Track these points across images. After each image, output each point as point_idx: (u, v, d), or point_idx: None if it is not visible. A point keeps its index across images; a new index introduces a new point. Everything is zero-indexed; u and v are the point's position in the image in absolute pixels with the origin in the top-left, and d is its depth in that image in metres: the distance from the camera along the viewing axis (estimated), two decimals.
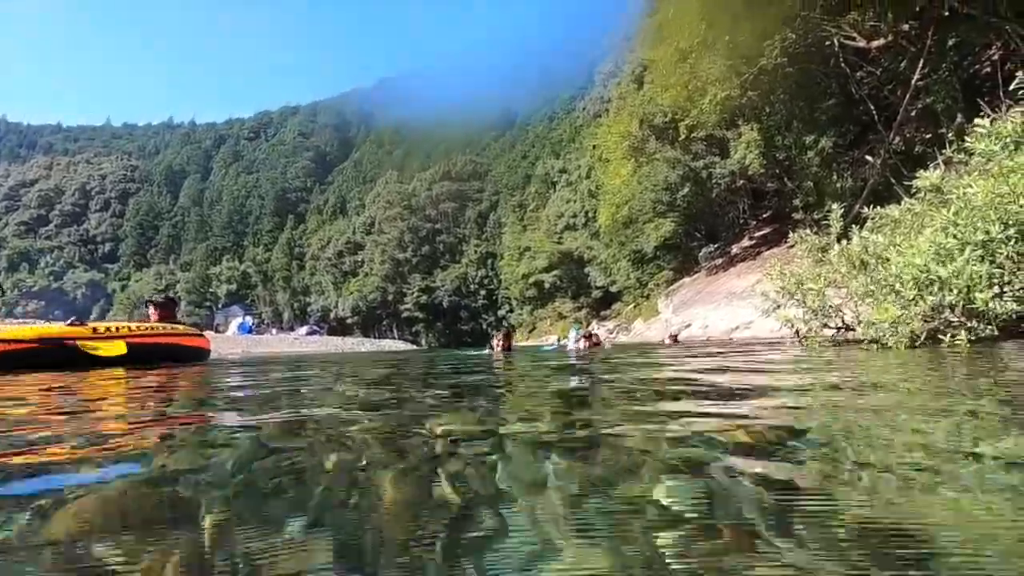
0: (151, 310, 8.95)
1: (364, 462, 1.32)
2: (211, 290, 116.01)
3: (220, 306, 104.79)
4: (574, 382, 3.72)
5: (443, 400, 2.75)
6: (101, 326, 7.73)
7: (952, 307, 5.53)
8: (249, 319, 57.67)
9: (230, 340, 33.81)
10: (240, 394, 3.38)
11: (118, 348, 7.41)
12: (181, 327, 8.69)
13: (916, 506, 0.92)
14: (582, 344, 11.36)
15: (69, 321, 7.67)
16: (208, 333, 44.09)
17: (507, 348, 10.49)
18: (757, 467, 1.16)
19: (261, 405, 2.69)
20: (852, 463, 1.18)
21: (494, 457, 1.35)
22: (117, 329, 7.78)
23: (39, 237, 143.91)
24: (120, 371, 6.20)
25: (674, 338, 19.18)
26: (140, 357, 7.58)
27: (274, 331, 68.50)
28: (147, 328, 8.17)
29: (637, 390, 2.91)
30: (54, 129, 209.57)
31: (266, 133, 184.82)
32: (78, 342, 7.17)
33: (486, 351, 11.20)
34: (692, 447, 1.37)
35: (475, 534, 0.85)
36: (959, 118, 15.01)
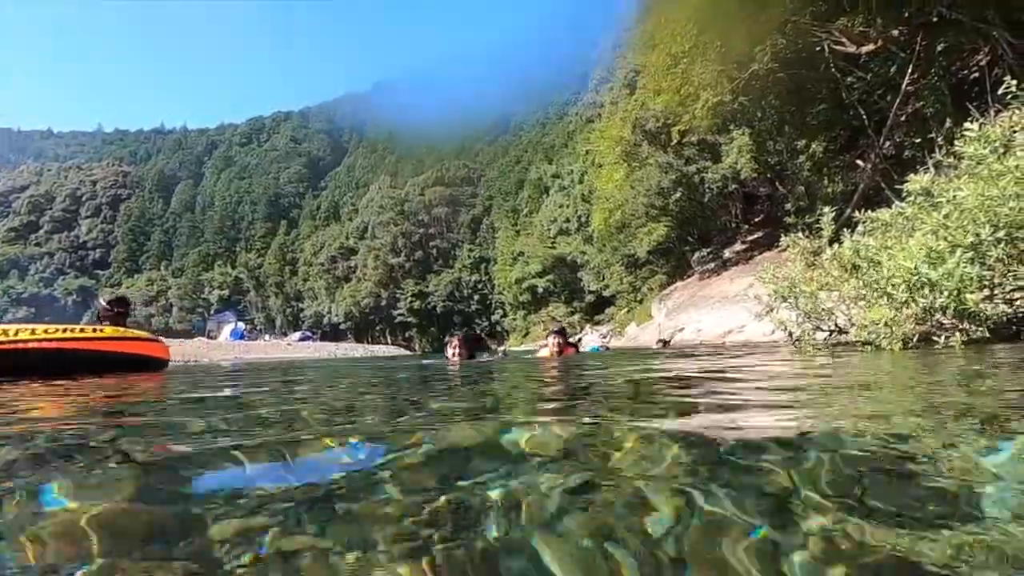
0: (100, 312, 7.76)
1: None
2: (203, 296, 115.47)
3: (212, 312, 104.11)
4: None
5: None
6: None
7: (943, 309, 5.55)
8: (241, 325, 57.38)
9: (222, 346, 33.64)
10: None
11: None
12: (107, 329, 7.37)
13: None
14: (552, 348, 8.89)
15: None
16: (200, 339, 43.89)
17: (468, 356, 8.44)
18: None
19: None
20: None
21: None
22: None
23: (29, 244, 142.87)
24: None
25: (664, 342, 19.23)
26: (7, 367, 6.37)
27: (267, 337, 68.12)
28: (37, 332, 6.87)
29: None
30: (44, 134, 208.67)
31: (258, 138, 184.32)
32: None
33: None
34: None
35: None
36: (948, 122, 15.14)
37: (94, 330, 7.15)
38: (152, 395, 3.70)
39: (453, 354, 8.26)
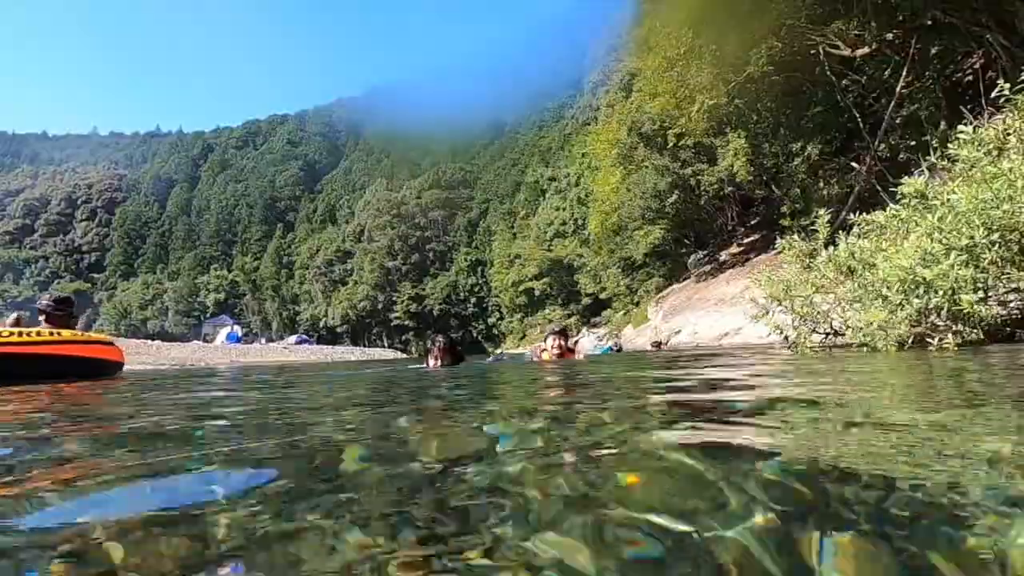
0: (42, 317, 7.40)
1: None
2: (199, 300, 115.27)
3: (208, 316, 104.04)
4: None
5: None
6: None
7: (938, 311, 5.57)
8: (238, 329, 57.38)
9: (219, 350, 33.56)
10: None
11: None
12: (65, 333, 7.05)
13: None
14: (552, 351, 7.80)
15: None
16: (196, 343, 43.88)
17: (453, 362, 7.61)
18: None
19: None
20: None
21: None
22: None
23: (24, 247, 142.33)
24: None
25: (658, 345, 19.28)
26: None
27: (263, 340, 67.99)
28: None
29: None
30: (40, 137, 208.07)
31: (255, 142, 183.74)
32: None
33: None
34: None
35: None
36: (942, 125, 15.22)
37: (51, 334, 6.89)
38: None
39: (434, 363, 7.39)
